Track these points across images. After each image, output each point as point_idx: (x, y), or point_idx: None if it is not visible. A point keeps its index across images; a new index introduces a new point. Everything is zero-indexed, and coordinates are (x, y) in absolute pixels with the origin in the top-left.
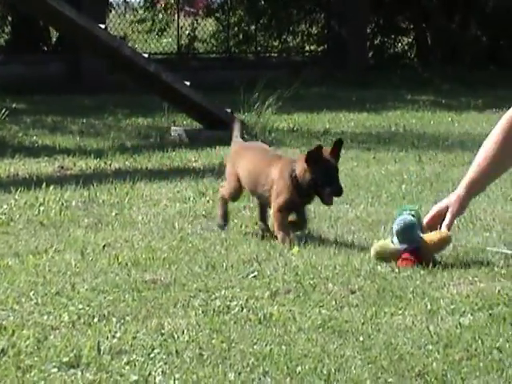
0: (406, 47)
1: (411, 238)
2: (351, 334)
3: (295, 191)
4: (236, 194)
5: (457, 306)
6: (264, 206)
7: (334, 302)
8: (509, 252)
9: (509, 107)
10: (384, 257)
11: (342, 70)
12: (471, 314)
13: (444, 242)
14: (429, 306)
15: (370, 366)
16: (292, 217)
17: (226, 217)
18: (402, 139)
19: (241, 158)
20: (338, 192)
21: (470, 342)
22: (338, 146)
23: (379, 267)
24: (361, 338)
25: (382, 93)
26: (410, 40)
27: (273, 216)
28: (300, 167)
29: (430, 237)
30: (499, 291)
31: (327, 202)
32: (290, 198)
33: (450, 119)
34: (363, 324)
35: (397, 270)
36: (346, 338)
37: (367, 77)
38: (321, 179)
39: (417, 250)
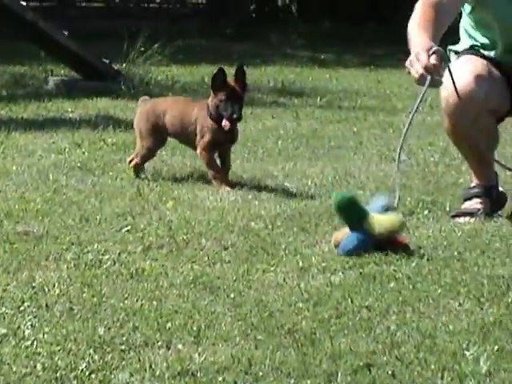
0: (288, 1)
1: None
2: (222, 291)
3: (214, 126)
4: (155, 151)
5: (328, 264)
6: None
7: (206, 258)
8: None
9: (387, 65)
10: None
11: (223, 23)
12: (342, 273)
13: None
14: (300, 264)
15: (240, 322)
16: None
17: None
18: (279, 94)
19: (163, 111)
20: (235, 118)
21: (339, 301)
22: (240, 72)
23: (253, 223)
24: (232, 295)
25: (261, 47)
26: None
27: (200, 157)
28: (210, 99)
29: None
30: (370, 249)
31: (223, 126)
32: (211, 135)
33: (328, 75)
34: (235, 281)
35: (270, 227)
36: (217, 294)
37: (248, 30)
38: (222, 104)
39: None
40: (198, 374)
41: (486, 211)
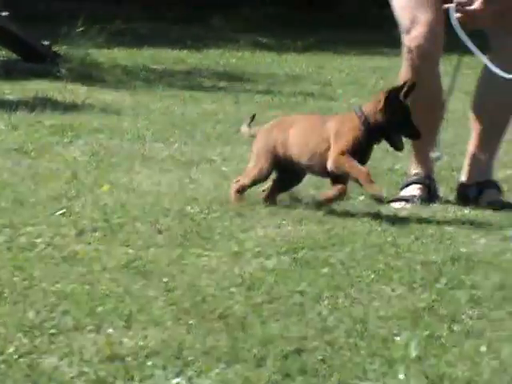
0: None
1: None
2: (156, 275)
3: (364, 133)
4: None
5: (262, 248)
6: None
7: (140, 242)
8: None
9: (327, 49)
10: None
11: (166, 6)
12: (276, 257)
13: None
14: (235, 248)
15: (172, 307)
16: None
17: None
18: (220, 79)
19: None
20: (416, 135)
21: (272, 286)
22: (411, 88)
23: (188, 207)
24: (165, 279)
25: (203, 30)
26: None
27: (334, 163)
28: (371, 109)
29: None
30: (305, 235)
31: (399, 146)
32: (356, 138)
33: (270, 60)
34: (168, 265)
35: (206, 211)
36: (149, 278)
37: (190, 14)
38: (396, 122)
39: None
40: (128, 359)
41: (422, 197)
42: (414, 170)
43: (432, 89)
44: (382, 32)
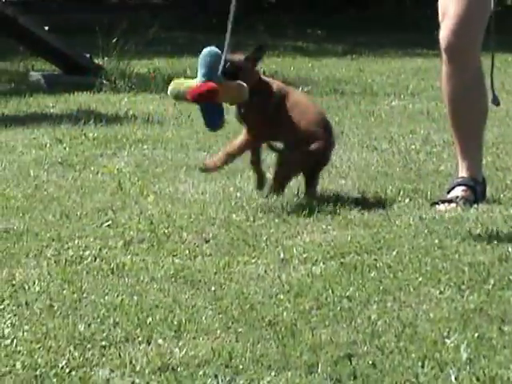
0: None
1: (211, 66)
2: (203, 284)
3: None
4: None
5: (309, 254)
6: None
7: (187, 252)
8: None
9: (367, 53)
10: (179, 93)
11: (203, 14)
12: (323, 263)
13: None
14: (282, 255)
15: (220, 315)
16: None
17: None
18: None
19: None
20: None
21: (320, 291)
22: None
23: (234, 215)
24: (213, 288)
25: (243, 38)
26: None
27: None
28: None
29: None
30: (351, 239)
31: None
32: None
33: (310, 65)
34: (216, 274)
35: (252, 219)
36: (198, 287)
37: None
38: None
39: (213, 87)
40: (179, 369)
41: (467, 199)
42: (461, 173)
43: (469, 88)
44: (420, 32)
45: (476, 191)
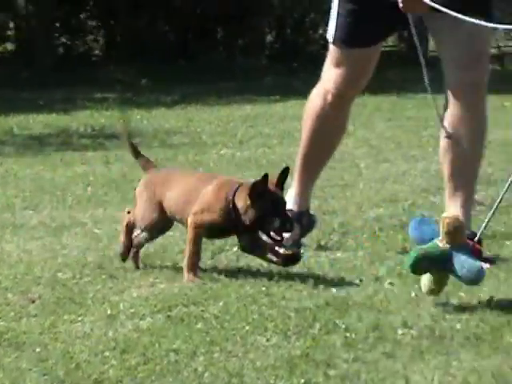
0: (96, 45)
1: None
2: (28, 346)
3: (223, 219)
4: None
5: (136, 309)
6: None
7: (12, 313)
8: None
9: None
10: None
11: (29, 70)
12: (150, 317)
13: None
14: (109, 311)
15: (45, 377)
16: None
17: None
18: (90, 140)
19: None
20: (289, 227)
21: (147, 346)
22: (284, 174)
23: (60, 274)
24: (38, 349)
25: (71, 92)
26: (99, 38)
27: (189, 231)
28: (242, 200)
29: None
30: (179, 291)
31: (276, 239)
32: (213, 220)
33: (139, 116)
34: (41, 334)
35: (78, 276)
36: (22, 350)
37: (56, 76)
38: (267, 215)
39: None
40: None
41: (294, 238)
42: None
43: None
44: (248, 80)
45: (302, 224)
